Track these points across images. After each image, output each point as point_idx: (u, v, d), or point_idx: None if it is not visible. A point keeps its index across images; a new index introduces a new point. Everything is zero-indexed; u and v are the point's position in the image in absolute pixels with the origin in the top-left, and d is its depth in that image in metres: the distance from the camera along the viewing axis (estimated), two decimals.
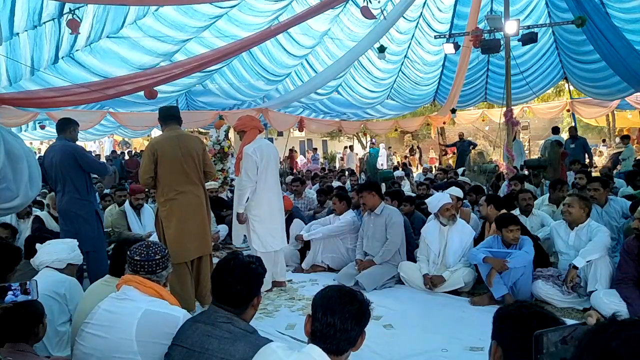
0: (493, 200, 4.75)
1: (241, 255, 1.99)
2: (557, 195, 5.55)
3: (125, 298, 2.09)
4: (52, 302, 2.76)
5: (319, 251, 5.22)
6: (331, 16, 9.54)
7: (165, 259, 2.25)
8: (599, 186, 4.75)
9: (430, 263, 4.45)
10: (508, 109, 7.25)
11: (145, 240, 2.40)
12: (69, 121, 4.45)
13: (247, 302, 1.92)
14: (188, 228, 3.77)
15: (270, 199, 4.50)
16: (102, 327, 2.05)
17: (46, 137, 15.76)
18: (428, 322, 3.68)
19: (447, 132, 19.14)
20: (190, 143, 3.86)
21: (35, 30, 6.36)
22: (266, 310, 4.01)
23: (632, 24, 8.52)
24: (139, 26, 7.60)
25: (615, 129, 19.26)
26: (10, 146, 1.60)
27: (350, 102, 13.48)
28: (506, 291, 3.86)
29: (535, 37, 7.67)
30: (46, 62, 7.23)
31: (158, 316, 2.03)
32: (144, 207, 6.18)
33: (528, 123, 21.96)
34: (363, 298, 1.67)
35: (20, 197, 1.70)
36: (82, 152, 4.39)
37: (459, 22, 10.73)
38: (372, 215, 4.77)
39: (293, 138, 21.09)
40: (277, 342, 1.75)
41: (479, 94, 13.75)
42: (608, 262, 3.77)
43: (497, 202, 4.71)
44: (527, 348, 1.10)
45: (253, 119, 4.76)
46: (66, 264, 2.98)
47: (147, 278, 2.17)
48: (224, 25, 8.55)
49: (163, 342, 1.95)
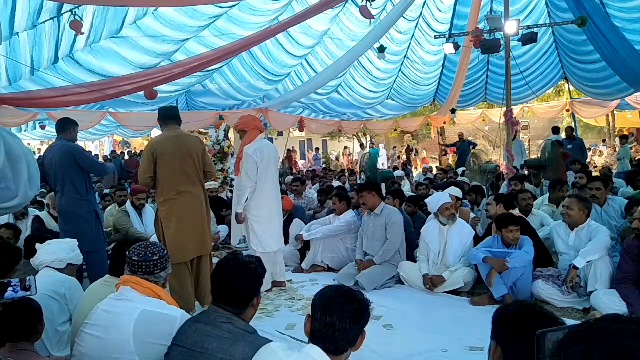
0: (503, 199, 4.68)
1: (241, 255, 1.99)
2: (557, 195, 5.55)
3: (123, 299, 2.09)
4: (52, 302, 2.76)
5: (319, 251, 5.22)
6: (331, 16, 9.53)
7: (163, 260, 2.24)
8: (601, 186, 4.76)
9: (430, 263, 4.45)
10: (508, 109, 7.24)
11: (145, 240, 2.40)
12: (69, 121, 4.46)
13: (247, 302, 1.92)
14: (188, 228, 3.77)
15: (269, 200, 4.49)
16: (99, 327, 2.05)
17: (46, 137, 15.77)
18: (428, 322, 3.68)
19: (447, 132, 19.13)
20: (190, 143, 3.86)
21: (35, 30, 6.36)
22: (266, 310, 4.01)
23: (633, 24, 8.52)
24: (138, 26, 7.60)
25: (615, 129, 19.25)
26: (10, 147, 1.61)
27: (350, 103, 13.48)
28: (506, 291, 3.86)
29: (535, 37, 7.66)
30: (46, 62, 7.24)
31: (155, 316, 2.03)
32: (146, 207, 6.17)
33: (528, 123, 21.96)
34: (363, 298, 1.67)
35: (20, 197, 1.71)
36: (81, 152, 4.41)
37: (459, 22, 10.73)
38: (372, 215, 4.77)
39: (293, 138, 21.09)
40: (277, 342, 1.75)
41: (479, 94, 13.75)
42: (608, 262, 3.77)
43: (507, 201, 4.64)
44: (527, 348, 1.10)
45: (255, 119, 4.75)
46: (66, 264, 2.99)
47: (145, 279, 2.16)
48: (223, 25, 8.55)
49: (161, 342, 1.95)
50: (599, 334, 0.74)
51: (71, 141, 4.40)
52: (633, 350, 0.69)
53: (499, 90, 11.84)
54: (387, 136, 24.41)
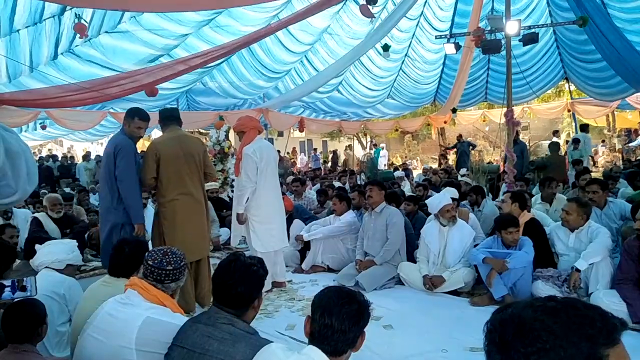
0: (519, 198, 4.51)
1: (242, 257, 1.97)
2: (548, 193, 5.58)
3: (128, 303, 2.05)
4: (52, 302, 2.76)
5: (319, 252, 5.22)
6: (330, 13, 9.53)
7: (177, 272, 2.16)
8: (598, 188, 4.69)
9: (430, 263, 4.45)
10: (509, 109, 7.23)
11: (167, 247, 2.28)
12: (129, 112, 3.80)
13: (247, 303, 1.91)
14: (189, 230, 3.77)
15: (270, 199, 4.49)
16: (102, 331, 2.03)
17: (46, 137, 15.77)
18: (428, 322, 3.68)
19: (447, 133, 19.10)
20: (191, 144, 3.86)
21: (35, 26, 6.36)
22: (266, 310, 4.01)
23: (634, 25, 8.51)
24: (137, 20, 7.60)
25: (615, 129, 19.23)
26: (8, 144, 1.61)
27: (351, 101, 13.47)
28: (506, 291, 3.86)
29: (537, 37, 7.66)
30: (45, 58, 7.23)
31: (159, 325, 1.98)
32: (147, 207, 6.10)
33: (528, 123, 21.95)
34: (362, 299, 1.66)
35: (19, 193, 1.71)
36: (124, 152, 3.66)
37: (460, 21, 10.72)
38: (372, 215, 4.77)
39: (293, 138, 21.07)
40: (277, 343, 1.74)
41: (479, 93, 13.74)
42: (609, 263, 3.77)
43: (523, 200, 4.51)
44: None
45: (252, 119, 4.76)
46: (65, 264, 2.99)
47: (153, 285, 2.11)
48: (223, 20, 8.54)
49: (163, 352, 1.91)
50: (506, 307, 0.84)
51: (129, 136, 3.75)
52: (522, 318, 0.78)
53: (500, 90, 11.82)
54: (387, 136, 24.40)
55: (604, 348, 0.74)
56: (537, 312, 0.78)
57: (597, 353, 0.74)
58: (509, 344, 0.77)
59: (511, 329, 0.78)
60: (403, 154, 25.18)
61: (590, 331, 0.75)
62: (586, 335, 0.75)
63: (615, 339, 0.76)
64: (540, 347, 0.74)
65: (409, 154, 25.01)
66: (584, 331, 0.75)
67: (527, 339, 0.75)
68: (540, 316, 0.77)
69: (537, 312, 0.78)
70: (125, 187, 3.59)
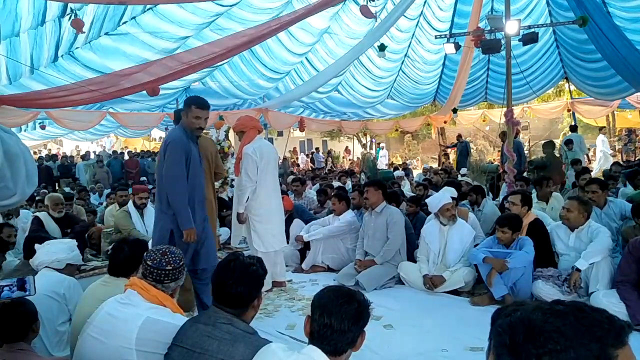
0: (528, 201, 4.43)
1: (242, 256, 1.97)
2: (544, 192, 5.58)
3: (128, 303, 2.05)
4: (52, 302, 2.76)
5: (319, 251, 5.22)
6: (330, 13, 9.53)
7: (176, 271, 2.14)
8: (597, 188, 4.68)
9: (430, 263, 4.44)
10: (509, 109, 7.23)
11: (165, 246, 2.24)
12: (186, 101, 3.46)
13: (247, 303, 1.91)
14: None
15: (270, 198, 4.49)
16: (102, 330, 2.03)
17: (46, 137, 15.78)
18: (428, 322, 3.68)
19: (447, 133, 19.10)
20: (205, 144, 3.87)
21: (36, 29, 6.37)
22: (266, 310, 4.00)
23: (634, 23, 8.51)
24: (137, 22, 7.60)
25: (615, 129, 19.22)
26: (7, 145, 1.60)
27: (350, 101, 13.47)
28: (506, 291, 3.86)
29: (536, 37, 7.65)
30: (46, 60, 7.24)
31: (159, 325, 1.98)
32: (147, 207, 6.08)
33: (528, 123, 21.93)
34: (362, 298, 1.66)
35: (18, 194, 1.71)
36: (171, 148, 3.31)
37: (460, 21, 10.72)
38: (373, 215, 4.76)
39: (293, 138, 21.08)
40: (277, 343, 1.74)
41: (479, 93, 13.74)
42: (609, 263, 3.76)
43: (530, 202, 4.46)
44: None
45: (252, 119, 4.76)
46: (65, 264, 2.98)
47: (152, 285, 2.10)
48: (224, 23, 8.54)
49: (164, 352, 1.91)
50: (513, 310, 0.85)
51: (185, 129, 3.38)
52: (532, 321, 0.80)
53: (500, 90, 11.83)
54: (387, 136, 24.41)
55: (613, 349, 0.76)
56: (546, 314, 0.81)
57: (607, 354, 0.76)
58: (520, 346, 0.79)
59: (521, 331, 0.80)
60: (403, 154, 25.18)
61: (599, 333, 0.77)
62: (595, 336, 0.77)
63: (623, 340, 0.78)
64: (551, 349, 0.76)
65: (409, 154, 25.01)
66: (593, 333, 0.77)
67: (539, 340, 0.77)
68: (549, 319, 0.80)
69: (546, 315, 0.81)
70: (170, 187, 3.21)
